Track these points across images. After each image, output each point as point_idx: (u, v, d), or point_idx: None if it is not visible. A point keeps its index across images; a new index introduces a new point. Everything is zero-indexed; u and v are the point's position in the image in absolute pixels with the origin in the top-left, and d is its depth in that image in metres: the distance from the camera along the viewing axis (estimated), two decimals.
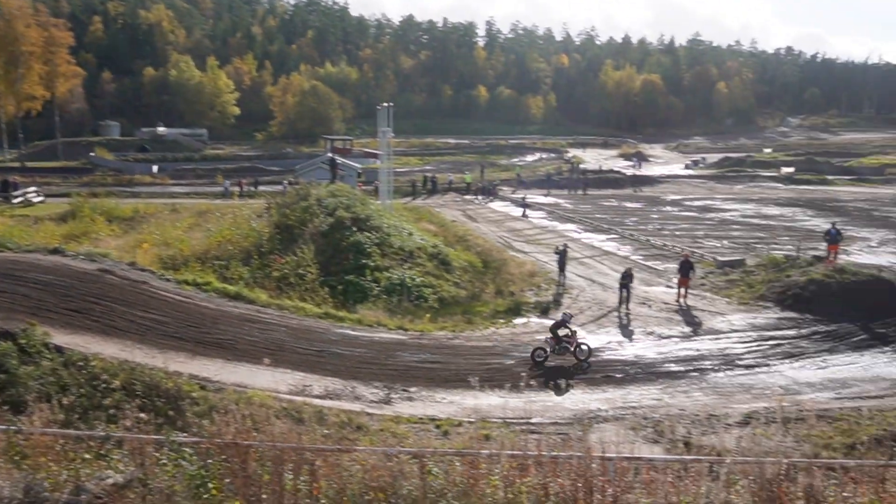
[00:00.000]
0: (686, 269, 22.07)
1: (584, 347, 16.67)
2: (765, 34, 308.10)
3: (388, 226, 27.15)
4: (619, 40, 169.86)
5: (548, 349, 16.48)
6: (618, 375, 16.07)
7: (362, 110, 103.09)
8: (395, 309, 20.48)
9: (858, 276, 22.49)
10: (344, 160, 49.76)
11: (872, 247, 32.17)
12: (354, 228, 25.42)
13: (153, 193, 48.87)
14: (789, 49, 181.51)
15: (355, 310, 20.12)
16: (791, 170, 66.88)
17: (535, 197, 48.50)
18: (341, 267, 23.59)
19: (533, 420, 12.95)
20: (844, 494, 6.24)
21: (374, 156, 57.12)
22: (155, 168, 64.85)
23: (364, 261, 23.55)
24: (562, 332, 16.55)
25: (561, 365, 16.37)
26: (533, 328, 19.26)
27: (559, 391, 15.29)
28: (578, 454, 6.56)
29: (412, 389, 14.60)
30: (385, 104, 38.26)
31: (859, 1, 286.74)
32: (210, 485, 6.34)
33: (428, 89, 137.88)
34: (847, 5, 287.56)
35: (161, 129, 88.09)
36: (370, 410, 13.31)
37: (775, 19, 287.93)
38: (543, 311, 21.04)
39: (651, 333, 19.08)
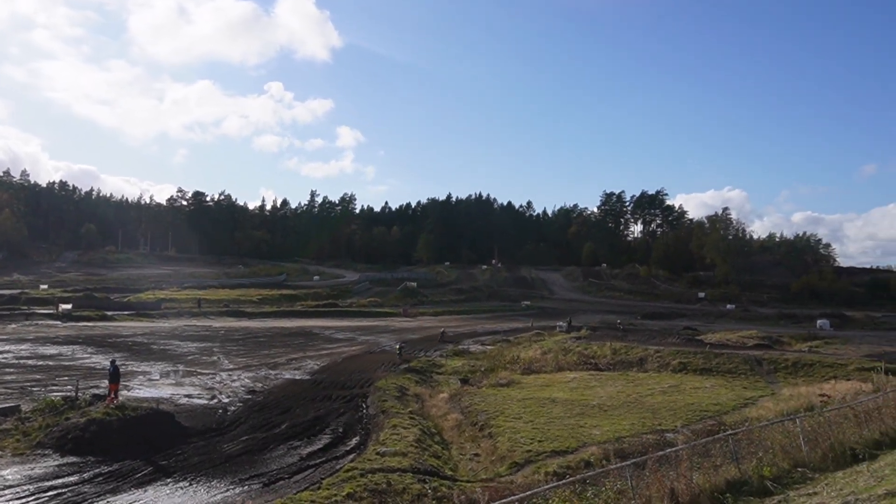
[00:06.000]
0: None
1: None
2: (36, 167, 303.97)
3: None
4: None
5: None
6: None
7: None
8: None
9: (138, 411, 23.81)
10: None
11: (154, 380, 33.51)
12: None
13: None
14: (63, 184, 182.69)
15: None
16: (69, 306, 65.80)
17: None
18: None
19: None
20: None
21: None
22: None
23: None
24: None
25: None
26: None
27: None
28: None
29: None
30: None
31: (128, 146, 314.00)
32: None
33: None
34: (117, 148, 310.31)
35: None
36: None
37: (45, 154, 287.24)
38: None
39: None
